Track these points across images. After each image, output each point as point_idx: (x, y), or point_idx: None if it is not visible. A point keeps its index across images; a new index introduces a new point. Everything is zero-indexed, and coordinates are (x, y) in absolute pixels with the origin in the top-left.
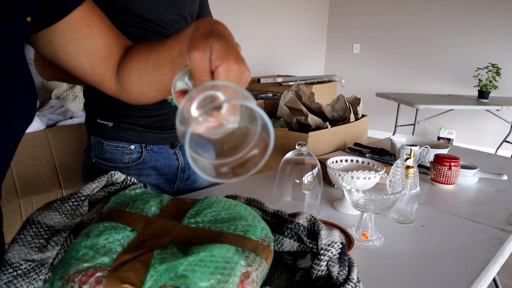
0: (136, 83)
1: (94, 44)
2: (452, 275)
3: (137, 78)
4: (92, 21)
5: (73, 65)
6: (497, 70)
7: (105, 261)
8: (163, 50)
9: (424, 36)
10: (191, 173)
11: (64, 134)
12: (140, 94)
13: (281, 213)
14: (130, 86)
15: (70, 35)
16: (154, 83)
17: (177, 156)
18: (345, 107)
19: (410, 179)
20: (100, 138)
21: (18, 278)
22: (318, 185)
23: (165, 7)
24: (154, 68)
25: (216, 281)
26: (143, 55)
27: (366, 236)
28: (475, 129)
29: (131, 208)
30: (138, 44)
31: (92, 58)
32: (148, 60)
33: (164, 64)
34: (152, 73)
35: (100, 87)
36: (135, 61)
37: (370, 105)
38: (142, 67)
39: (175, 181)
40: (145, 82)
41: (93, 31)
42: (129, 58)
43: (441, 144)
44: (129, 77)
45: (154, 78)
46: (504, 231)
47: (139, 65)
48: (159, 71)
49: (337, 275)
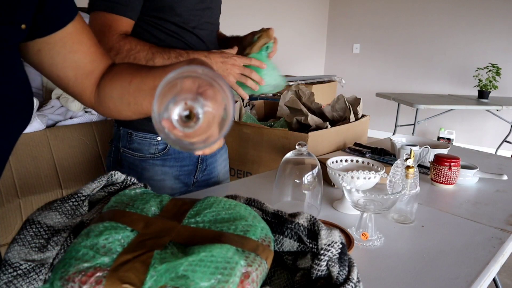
0: (116, 101)
1: (82, 60)
2: (452, 275)
3: (118, 96)
4: (83, 37)
5: (57, 76)
6: (497, 70)
7: (105, 261)
8: (149, 76)
9: (424, 36)
10: (208, 163)
11: (64, 134)
12: (117, 111)
13: (281, 213)
14: (110, 102)
15: (61, 48)
16: (133, 105)
17: None
18: (345, 107)
19: (410, 179)
20: (129, 129)
21: (18, 278)
22: (318, 185)
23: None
24: (136, 91)
25: (217, 281)
26: (127, 77)
27: (366, 236)
28: (475, 129)
29: (131, 208)
30: (124, 64)
31: (77, 72)
32: (131, 82)
33: (147, 89)
34: (133, 95)
35: (78, 99)
36: (119, 80)
37: (370, 105)
38: (125, 87)
39: (195, 172)
40: (124, 102)
41: (83, 48)
42: (114, 76)
43: (441, 144)
44: (110, 94)
45: (134, 100)
46: (504, 231)
47: (122, 84)
48: (140, 94)
49: (337, 275)
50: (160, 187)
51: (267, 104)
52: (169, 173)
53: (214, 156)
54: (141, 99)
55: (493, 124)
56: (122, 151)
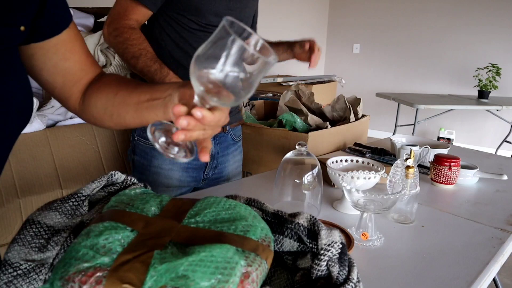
0: (100, 110)
1: (72, 68)
2: (452, 275)
3: (102, 106)
4: (76, 46)
5: (46, 80)
6: (497, 70)
7: (105, 261)
8: (135, 91)
9: (424, 36)
10: (219, 162)
11: (64, 134)
12: (100, 120)
13: (281, 213)
14: (94, 110)
15: (53, 54)
16: (116, 117)
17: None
18: (345, 107)
19: (410, 179)
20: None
21: (18, 278)
22: (318, 185)
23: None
24: (120, 103)
25: (217, 281)
26: (114, 89)
27: (366, 236)
28: (475, 129)
29: (131, 208)
30: (113, 76)
31: (66, 79)
32: (117, 95)
33: (130, 103)
34: (117, 107)
35: (63, 104)
36: (105, 91)
37: (370, 105)
38: (110, 98)
39: (205, 168)
40: (107, 113)
41: (74, 56)
42: (101, 87)
43: (441, 144)
44: (95, 103)
45: (117, 112)
46: (504, 231)
47: (108, 96)
48: (124, 108)
49: (337, 275)
50: (168, 176)
51: (267, 104)
52: (177, 164)
53: (226, 156)
54: (124, 112)
55: (493, 124)
56: (137, 139)
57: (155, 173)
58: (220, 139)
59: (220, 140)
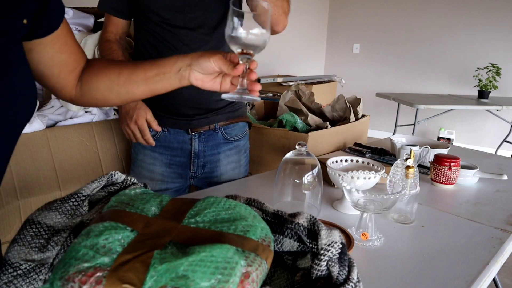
0: (104, 91)
1: (67, 59)
2: (452, 275)
3: (106, 88)
4: (69, 40)
5: (42, 72)
6: (497, 70)
7: (105, 261)
8: (138, 68)
9: (424, 36)
10: (207, 161)
11: (64, 135)
12: (103, 101)
13: (281, 213)
14: (96, 93)
15: (50, 48)
16: (124, 94)
17: (191, 142)
18: (345, 107)
19: (410, 179)
20: None
21: (18, 278)
22: (318, 185)
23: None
24: (127, 81)
25: (217, 281)
26: (115, 70)
27: (366, 236)
28: (475, 129)
29: (131, 208)
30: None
31: (62, 70)
32: (120, 74)
33: (138, 80)
34: (124, 86)
35: (56, 93)
36: (105, 73)
37: (370, 105)
38: (113, 79)
39: (190, 166)
40: (114, 92)
41: (68, 48)
42: (98, 71)
43: (441, 144)
44: (97, 86)
45: (125, 90)
46: (504, 231)
47: (110, 77)
48: (131, 84)
49: (337, 275)
50: (151, 171)
51: (267, 104)
52: (159, 159)
53: (216, 155)
54: (133, 88)
55: (493, 124)
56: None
57: (140, 166)
58: (207, 137)
59: (207, 138)
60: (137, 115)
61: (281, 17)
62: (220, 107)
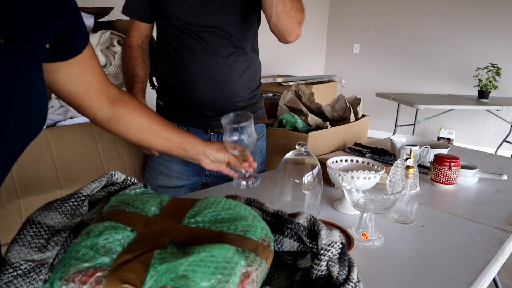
0: (131, 131)
1: (92, 80)
2: (452, 275)
3: (134, 130)
4: (94, 62)
5: (68, 91)
6: (497, 70)
7: (105, 261)
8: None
9: (424, 36)
10: None
11: (64, 134)
12: (124, 135)
13: (281, 213)
14: (124, 129)
15: (76, 69)
16: (145, 141)
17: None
18: (345, 107)
19: (410, 179)
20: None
21: (18, 278)
22: (318, 185)
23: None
24: (153, 135)
25: (217, 281)
26: (147, 120)
27: (366, 236)
28: (475, 129)
29: (131, 208)
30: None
31: (88, 90)
32: (151, 128)
33: (162, 139)
34: (149, 136)
35: (83, 111)
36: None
37: (370, 105)
38: (144, 128)
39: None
40: (138, 136)
41: (93, 70)
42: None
43: (441, 144)
44: (127, 124)
45: (148, 139)
46: (504, 231)
47: (142, 125)
48: (155, 139)
49: (337, 275)
50: (168, 167)
51: (267, 104)
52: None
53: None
54: (155, 142)
55: (493, 124)
56: None
57: (157, 162)
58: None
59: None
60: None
61: (294, 27)
62: (240, 108)
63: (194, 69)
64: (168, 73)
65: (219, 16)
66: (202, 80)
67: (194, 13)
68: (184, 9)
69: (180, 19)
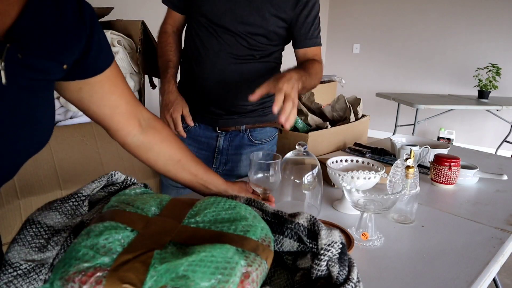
0: (159, 161)
1: (118, 100)
2: (452, 275)
3: (163, 160)
4: (119, 81)
5: (93, 112)
6: (497, 70)
7: (105, 261)
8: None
9: (424, 36)
10: (230, 159)
11: (64, 134)
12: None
13: (281, 213)
14: (154, 158)
15: (99, 88)
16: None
17: (217, 139)
18: (345, 107)
19: (410, 179)
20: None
21: (18, 278)
22: (318, 185)
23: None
24: (179, 168)
25: (217, 281)
26: (177, 154)
27: (366, 236)
28: (475, 129)
29: (131, 208)
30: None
31: (114, 111)
32: (180, 161)
33: (188, 173)
34: (175, 168)
35: (111, 133)
36: (171, 150)
37: (370, 105)
38: (173, 159)
39: (213, 161)
40: (165, 167)
41: (118, 90)
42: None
43: (441, 144)
44: (156, 152)
45: (174, 171)
46: (504, 231)
47: (171, 157)
48: (181, 173)
49: (337, 275)
50: None
51: None
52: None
53: (239, 155)
54: (179, 175)
55: (493, 124)
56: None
57: None
58: (232, 137)
59: (232, 138)
60: (174, 109)
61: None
62: (248, 111)
63: (207, 66)
64: (186, 68)
65: (243, 23)
66: (213, 79)
67: (221, 14)
68: (212, 9)
69: (206, 17)
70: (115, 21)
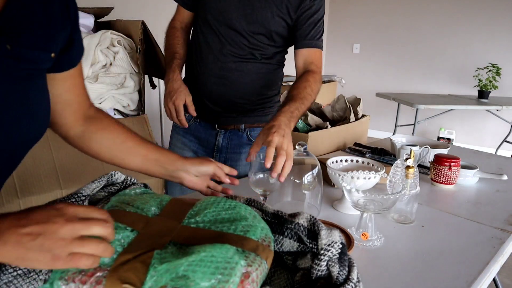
0: (103, 148)
1: (72, 100)
2: (452, 275)
3: (106, 146)
4: (78, 82)
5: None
6: (497, 70)
7: (105, 261)
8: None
9: (424, 36)
10: (229, 158)
11: None
12: (97, 154)
13: (281, 213)
14: (95, 146)
15: (60, 85)
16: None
17: (216, 137)
18: (345, 107)
19: (410, 179)
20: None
21: (18, 278)
22: (318, 185)
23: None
24: (126, 151)
25: (217, 281)
26: (121, 136)
27: (366, 236)
28: (475, 129)
29: (131, 208)
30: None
31: (65, 109)
32: (124, 143)
33: (137, 155)
34: (122, 153)
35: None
36: (112, 134)
37: (370, 105)
38: (117, 143)
39: (212, 158)
40: (111, 153)
41: (76, 90)
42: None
43: (441, 144)
44: (100, 141)
45: (121, 157)
46: (504, 231)
47: (115, 140)
48: (129, 156)
49: (337, 275)
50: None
51: None
52: (188, 146)
53: (238, 154)
54: (129, 159)
55: (493, 124)
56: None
57: (171, 149)
58: (232, 136)
59: (232, 136)
60: (176, 96)
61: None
62: (247, 110)
63: (208, 63)
64: (190, 64)
65: (246, 21)
66: (213, 76)
67: (225, 11)
68: (217, 6)
69: (211, 14)
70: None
